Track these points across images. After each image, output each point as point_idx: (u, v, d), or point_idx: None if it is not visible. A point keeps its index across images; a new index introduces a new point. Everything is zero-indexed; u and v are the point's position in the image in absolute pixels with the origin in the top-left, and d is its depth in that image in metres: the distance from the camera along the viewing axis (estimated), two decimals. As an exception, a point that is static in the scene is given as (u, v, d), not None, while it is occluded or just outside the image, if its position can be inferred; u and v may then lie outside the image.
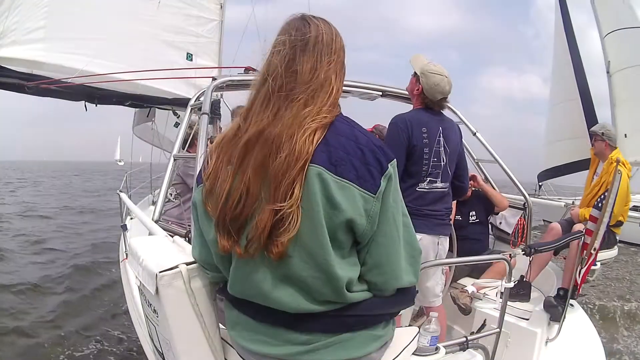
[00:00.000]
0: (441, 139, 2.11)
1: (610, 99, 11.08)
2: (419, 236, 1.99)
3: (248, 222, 0.87)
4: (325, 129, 0.89)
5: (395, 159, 0.94)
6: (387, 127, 2.30)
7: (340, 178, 0.86)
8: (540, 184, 11.76)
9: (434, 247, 2.15)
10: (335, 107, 0.93)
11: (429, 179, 2.10)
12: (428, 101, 2.14)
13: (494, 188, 3.12)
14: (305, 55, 0.92)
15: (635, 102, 10.34)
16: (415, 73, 2.17)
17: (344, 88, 1.01)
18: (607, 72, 11.11)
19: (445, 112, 2.74)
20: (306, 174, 0.84)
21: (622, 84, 10.72)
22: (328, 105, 0.91)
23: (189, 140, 2.59)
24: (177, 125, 5.36)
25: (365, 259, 0.93)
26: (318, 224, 0.85)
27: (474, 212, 3.01)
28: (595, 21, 11.27)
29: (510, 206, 3.13)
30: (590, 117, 10.63)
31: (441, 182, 2.14)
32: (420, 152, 2.08)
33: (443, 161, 2.12)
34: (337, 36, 0.97)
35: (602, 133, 3.03)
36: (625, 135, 9.70)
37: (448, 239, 2.28)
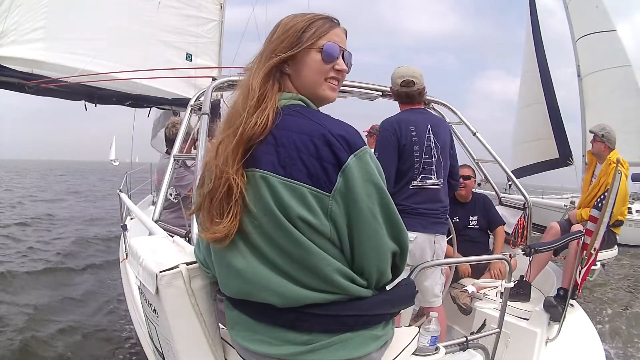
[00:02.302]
0: (431, 135, 2.13)
1: (580, 102, 11.34)
2: (413, 235, 2.01)
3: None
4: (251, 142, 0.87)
5: (365, 146, 0.87)
6: None
7: (289, 180, 0.84)
8: (509, 183, 11.76)
9: (431, 245, 2.15)
10: (266, 110, 0.88)
11: (421, 175, 2.11)
12: (402, 93, 2.19)
13: (493, 188, 3.12)
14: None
15: (603, 105, 10.56)
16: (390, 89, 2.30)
17: (342, 88, 1.00)
18: (578, 76, 11.37)
19: (445, 112, 2.74)
20: (248, 180, 0.86)
21: (593, 87, 10.98)
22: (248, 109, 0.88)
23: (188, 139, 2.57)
24: None
25: (353, 258, 0.91)
26: (277, 219, 0.85)
27: (475, 218, 2.97)
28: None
29: (510, 206, 3.14)
30: (556, 120, 10.96)
31: (436, 179, 2.15)
32: (410, 149, 2.09)
33: (434, 157, 2.13)
34: (277, 28, 0.95)
35: (602, 135, 3.00)
36: None
37: (446, 238, 2.28)
